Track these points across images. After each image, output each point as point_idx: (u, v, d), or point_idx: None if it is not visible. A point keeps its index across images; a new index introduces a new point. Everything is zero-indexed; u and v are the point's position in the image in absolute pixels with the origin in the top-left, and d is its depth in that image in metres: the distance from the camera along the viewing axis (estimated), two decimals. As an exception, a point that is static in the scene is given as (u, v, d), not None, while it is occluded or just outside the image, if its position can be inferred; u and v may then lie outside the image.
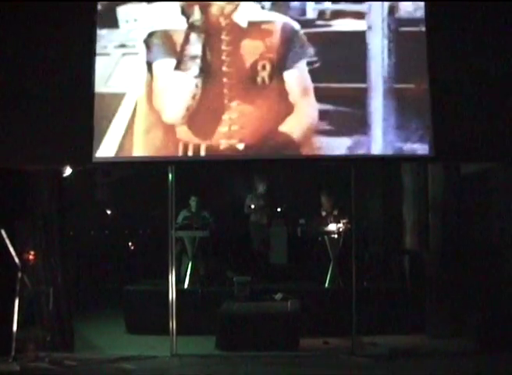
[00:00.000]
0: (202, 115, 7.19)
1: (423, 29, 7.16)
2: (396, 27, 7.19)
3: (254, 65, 7.20)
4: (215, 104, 7.18)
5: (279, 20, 7.25)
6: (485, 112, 6.98)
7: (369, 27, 7.21)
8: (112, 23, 7.37)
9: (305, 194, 10.89)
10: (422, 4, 7.17)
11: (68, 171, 7.75)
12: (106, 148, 7.20)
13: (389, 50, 7.13)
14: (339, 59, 7.16)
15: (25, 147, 7.17)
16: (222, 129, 7.13)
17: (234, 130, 7.12)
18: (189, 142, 7.16)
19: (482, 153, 7.03)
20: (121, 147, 7.20)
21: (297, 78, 7.18)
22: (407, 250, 9.58)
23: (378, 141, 7.09)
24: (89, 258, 10.87)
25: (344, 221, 9.06)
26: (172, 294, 7.62)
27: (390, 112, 7.06)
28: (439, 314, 8.19)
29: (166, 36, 7.31)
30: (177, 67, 7.26)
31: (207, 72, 7.23)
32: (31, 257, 7.49)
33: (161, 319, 7.75)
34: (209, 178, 10.71)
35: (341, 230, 9.09)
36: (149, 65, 7.29)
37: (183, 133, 7.19)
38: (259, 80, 7.19)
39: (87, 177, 11.17)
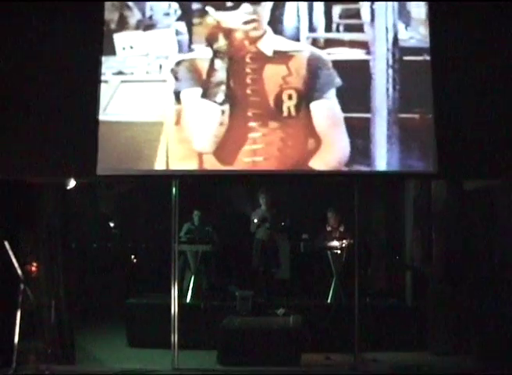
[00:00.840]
0: (228, 143, 7.18)
1: (427, 58, 7.18)
2: (401, 57, 7.20)
3: (280, 94, 7.20)
4: (240, 133, 7.18)
5: (305, 49, 7.27)
6: (488, 129, 6.99)
7: (373, 57, 7.21)
8: (110, 49, 7.43)
9: (308, 209, 10.88)
10: (421, 32, 7.23)
11: (72, 183, 7.76)
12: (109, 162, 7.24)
13: (394, 79, 7.13)
14: (344, 88, 7.15)
15: (30, 159, 7.19)
16: (246, 159, 7.14)
17: (258, 161, 7.12)
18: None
19: (485, 170, 7.04)
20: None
21: (326, 109, 7.18)
22: (409, 266, 9.56)
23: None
24: (91, 271, 10.86)
25: (349, 237, 9.06)
26: (175, 307, 7.61)
27: (394, 143, 7.06)
28: (441, 330, 8.17)
29: (192, 64, 7.36)
30: (204, 95, 7.28)
31: (233, 99, 7.22)
32: (34, 269, 7.50)
33: (163, 332, 7.73)
34: (213, 192, 10.72)
35: (344, 245, 9.09)
36: (177, 94, 7.31)
37: (210, 161, 7.21)
38: (285, 110, 7.19)
39: (91, 190, 11.18)
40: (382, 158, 7.04)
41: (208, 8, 7.36)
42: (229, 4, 7.36)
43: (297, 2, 7.32)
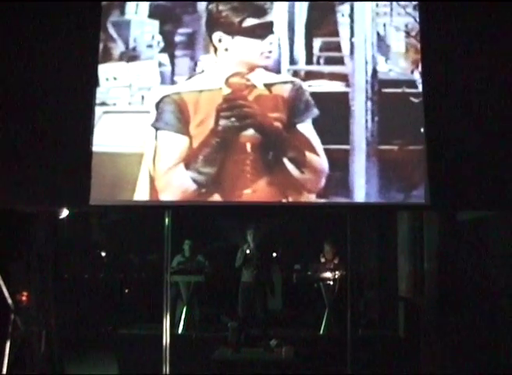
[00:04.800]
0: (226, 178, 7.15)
1: (406, 90, 7.22)
2: (380, 89, 7.23)
3: (270, 126, 7.18)
4: (236, 168, 7.13)
5: (288, 80, 7.28)
6: (480, 160, 7.01)
7: (353, 89, 7.24)
8: None
9: (301, 240, 10.88)
10: (400, 64, 7.32)
11: (64, 213, 7.75)
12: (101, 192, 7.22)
13: (373, 111, 7.15)
14: (322, 120, 7.15)
15: (21, 188, 7.16)
16: (246, 192, 7.09)
17: (249, 193, 7.08)
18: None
19: (478, 201, 7.05)
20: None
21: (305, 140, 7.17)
22: (402, 297, 9.55)
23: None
24: (83, 301, 10.79)
25: (342, 268, 9.05)
26: (166, 338, 7.56)
27: (373, 174, 7.04)
28: (434, 362, 8.13)
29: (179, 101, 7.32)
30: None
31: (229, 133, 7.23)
32: (24, 298, 7.45)
33: (155, 363, 7.67)
34: (205, 222, 10.71)
35: (337, 276, 9.08)
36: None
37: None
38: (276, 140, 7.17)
39: (83, 219, 11.15)
40: (361, 190, 7.04)
41: (227, 37, 7.40)
42: (257, 32, 7.39)
43: (279, 35, 7.39)
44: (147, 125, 7.26)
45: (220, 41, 7.38)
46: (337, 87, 7.25)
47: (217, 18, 7.43)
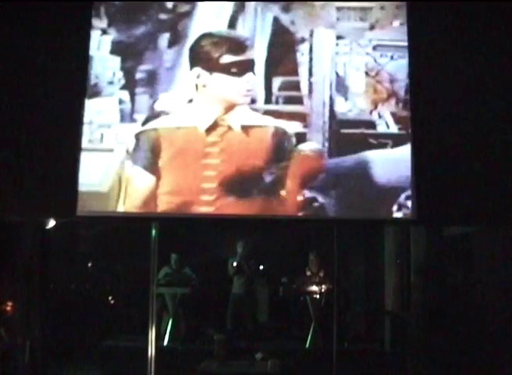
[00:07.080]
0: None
1: (365, 131, 7.14)
2: (338, 129, 7.14)
3: (247, 169, 7.10)
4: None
5: (271, 124, 7.22)
6: (467, 176, 7.05)
7: (311, 129, 7.14)
8: None
9: (287, 253, 10.89)
10: (359, 105, 7.28)
11: (51, 223, 7.72)
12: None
13: (330, 153, 7.05)
14: None
15: (8, 198, 7.13)
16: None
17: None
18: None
19: (464, 217, 7.08)
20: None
21: None
22: (388, 311, 9.56)
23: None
24: (68, 312, 10.74)
25: (328, 282, 9.06)
26: (152, 351, 7.53)
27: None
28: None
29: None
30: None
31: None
32: (9, 308, 7.41)
33: (140, 376, 7.66)
34: (192, 234, 10.70)
35: (323, 290, 9.09)
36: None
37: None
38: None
39: (70, 230, 11.12)
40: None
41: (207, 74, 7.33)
42: (234, 69, 7.31)
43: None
44: (107, 163, 7.17)
45: (198, 77, 7.32)
46: (295, 127, 7.23)
47: (198, 53, 7.37)
